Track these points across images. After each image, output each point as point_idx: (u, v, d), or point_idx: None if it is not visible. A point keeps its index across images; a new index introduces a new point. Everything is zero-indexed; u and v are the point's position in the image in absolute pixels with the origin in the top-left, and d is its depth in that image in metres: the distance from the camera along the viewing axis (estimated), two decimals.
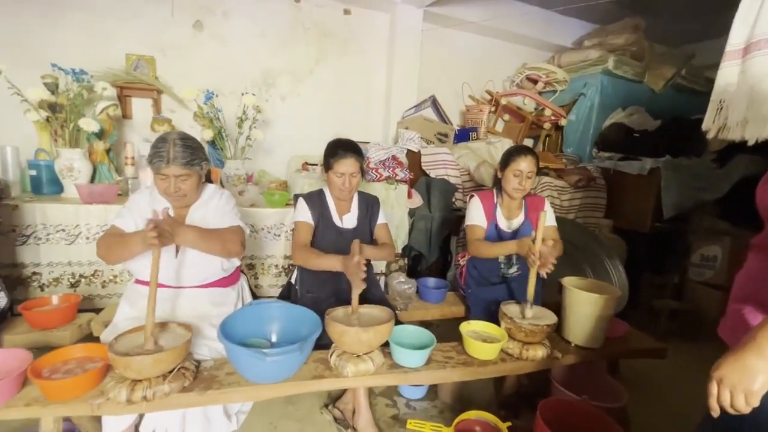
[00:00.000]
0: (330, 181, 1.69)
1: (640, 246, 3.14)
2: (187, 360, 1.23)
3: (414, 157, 2.98)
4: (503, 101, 3.47)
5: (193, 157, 1.38)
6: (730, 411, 0.72)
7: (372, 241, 1.80)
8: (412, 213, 2.80)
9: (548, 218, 1.96)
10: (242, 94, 2.42)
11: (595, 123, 3.49)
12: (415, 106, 3.22)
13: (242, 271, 1.78)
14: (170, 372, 1.15)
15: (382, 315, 1.43)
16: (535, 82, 3.64)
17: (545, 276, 2.16)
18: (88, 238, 1.95)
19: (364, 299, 1.66)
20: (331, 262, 1.54)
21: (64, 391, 1.07)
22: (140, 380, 1.10)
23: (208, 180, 1.59)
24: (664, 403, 1.97)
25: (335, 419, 1.60)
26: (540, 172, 3.37)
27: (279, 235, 2.29)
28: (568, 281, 1.74)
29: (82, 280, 1.97)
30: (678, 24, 3.71)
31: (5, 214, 1.81)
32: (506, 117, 3.67)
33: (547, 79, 3.57)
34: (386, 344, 1.44)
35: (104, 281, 2.00)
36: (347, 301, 1.53)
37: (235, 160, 2.45)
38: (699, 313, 2.91)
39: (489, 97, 3.58)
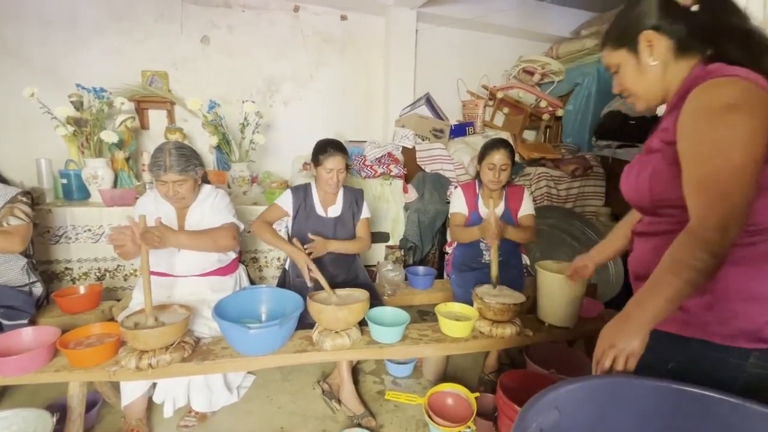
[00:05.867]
0: (318, 176, 1.86)
1: None
2: (188, 335, 1.43)
3: (410, 154, 3.11)
4: (499, 95, 3.55)
5: (188, 164, 1.57)
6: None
7: (354, 231, 1.97)
8: (408, 207, 2.94)
9: (525, 206, 2.06)
10: (242, 102, 2.63)
11: (593, 112, 3.50)
12: (410, 105, 3.34)
13: (242, 262, 1.98)
14: (172, 345, 1.35)
15: (359, 296, 1.59)
16: (531, 74, 3.68)
17: (528, 262, 2.28)
18: None
19: (351, 285, 1.82)
20: (284, 247, 1.77)
21: (86, 359, 1.29)
22: (147, 351, 1.31)
23: (206, 181, 1.79)
24: None
25: (323, 392, 1.77)
26: (536, 162, 3.43)
27: (280, 230, 2.47)
28: (541, 264, 1.84)
29: (107, 274, 2.24)
30: None
31: (41, 217, 2.09)
32: (506, 110, 3.73)
33: (542, 71, 3.61)
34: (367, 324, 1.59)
35: (125, 275, 2.26)
36: (332, 286, 1.70)
37: (240, 162, 2.67)
38: None
39: (486, 92, 3.65)
